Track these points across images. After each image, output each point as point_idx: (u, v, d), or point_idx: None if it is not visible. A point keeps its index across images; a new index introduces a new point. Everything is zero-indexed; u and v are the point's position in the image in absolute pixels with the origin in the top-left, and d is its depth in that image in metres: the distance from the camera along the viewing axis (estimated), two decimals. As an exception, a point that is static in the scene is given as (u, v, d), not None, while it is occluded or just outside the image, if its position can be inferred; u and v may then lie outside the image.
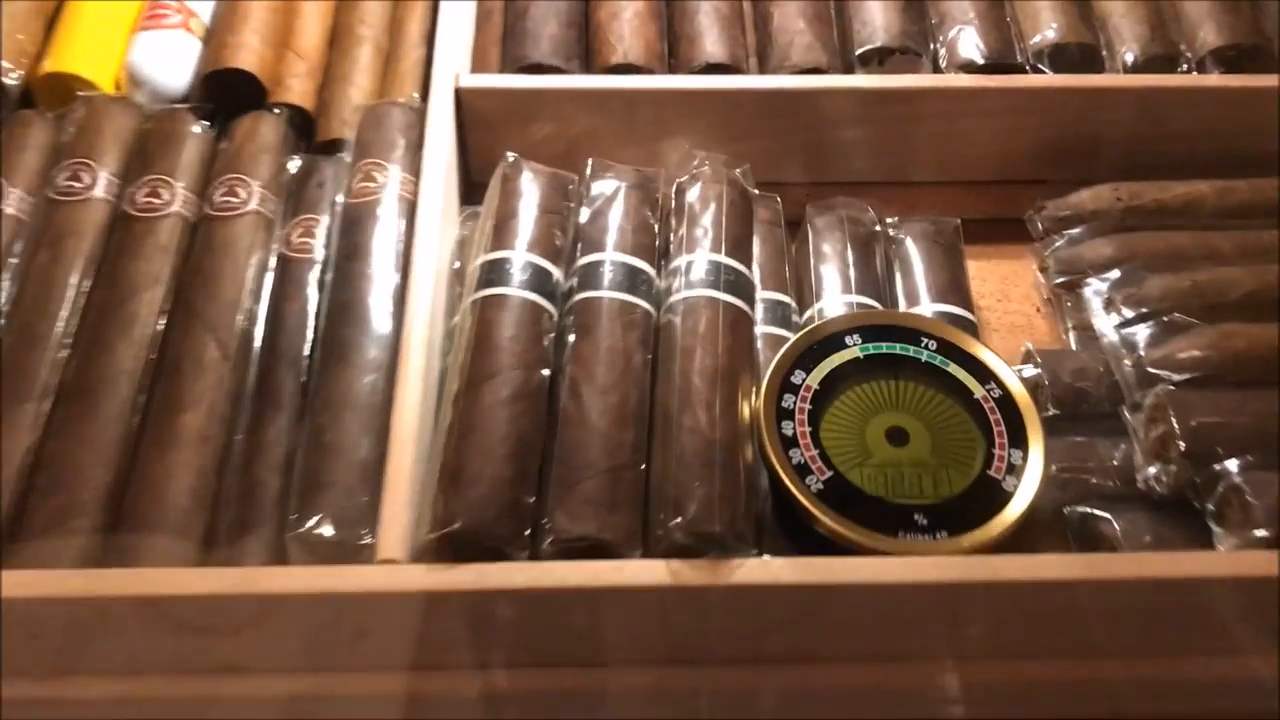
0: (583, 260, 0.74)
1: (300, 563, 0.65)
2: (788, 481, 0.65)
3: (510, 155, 0.79)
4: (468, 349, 0.69)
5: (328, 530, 0.65)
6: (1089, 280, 0.78)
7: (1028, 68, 0.88)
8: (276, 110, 0.87)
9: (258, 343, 0.75)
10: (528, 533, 0.63)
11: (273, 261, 0.79)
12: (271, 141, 0.85)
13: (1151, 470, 0.68)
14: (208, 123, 0.85)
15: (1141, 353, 0.72)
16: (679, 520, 0.62)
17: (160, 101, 0.87)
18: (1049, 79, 0.87)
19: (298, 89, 0.89)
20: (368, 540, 0.64)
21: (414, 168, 0.80)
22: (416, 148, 0.81)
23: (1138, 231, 0.81)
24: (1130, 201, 0.82)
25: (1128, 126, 0.85)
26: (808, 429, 0.67)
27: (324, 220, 0.80)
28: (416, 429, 0.67)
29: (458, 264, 0.78)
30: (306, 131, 0.89)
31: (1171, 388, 0.69)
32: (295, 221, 0.80)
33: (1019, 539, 0.65)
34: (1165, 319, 0.73)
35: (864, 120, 0.85)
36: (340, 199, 0.80)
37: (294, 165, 0.84)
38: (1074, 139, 0.86)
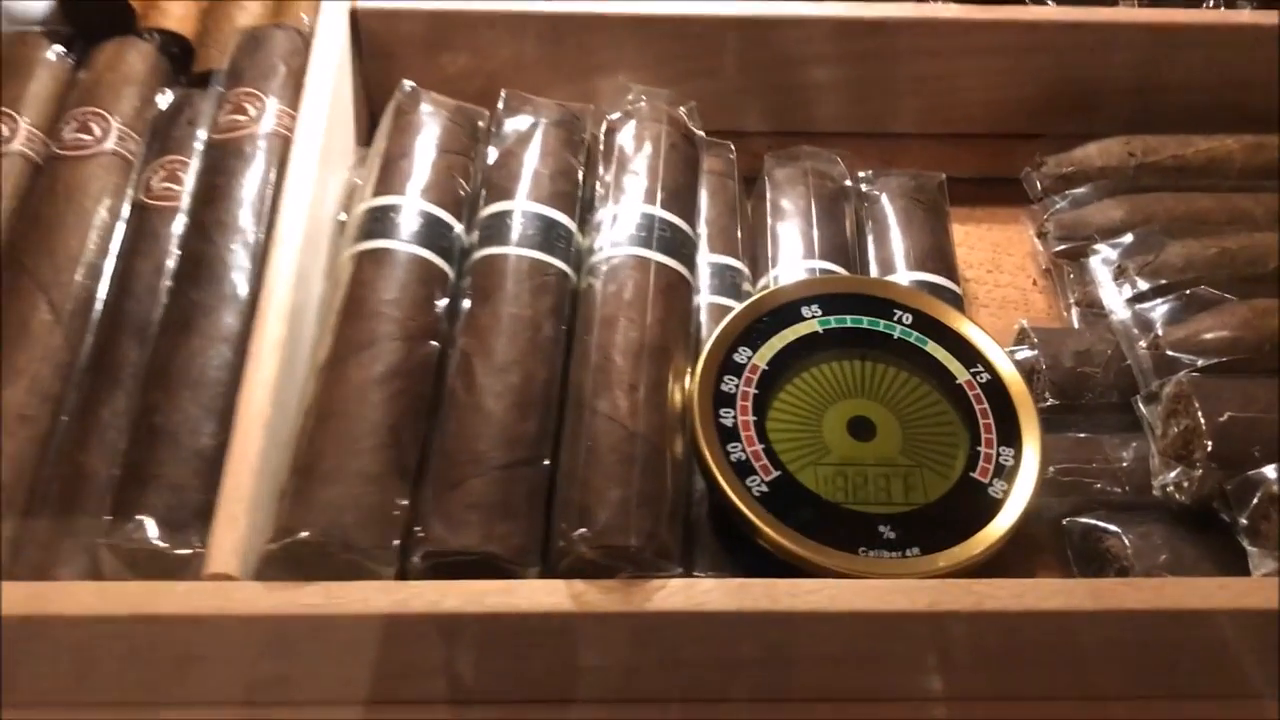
0: (488, 210, 0.61)
1: (114, 575, 0.52)
2: (724, 483, 0.52)
3: (406, 83, 0.66)
4: (339, 313, 0.57)
5: (149, 535, 0.52)
6: (1096, 247, 0.69)
7: (1028, -1, 0.76)
8: (148, 36, 0.74)
9: (100, 306, 0.63)
10: (396, 543, 0.51)
11: (127, 210, 0.66)
12: (139, 71, 0.72)
13: (1170, 475, 0.56)
14: (64, 49, 0.72)
15: (1159, 332, 0.61)
16: (584, 531, 0.50)
17: (11, 24, 0.75)
18: (1052, 11, 0.76)
19: (175, 13, 0.76)
20: (198, 549, 0.51)
21: (296, 100, 0.67)
22: (301, 77, 0.68)
23: (1154, 192, 0.71)
24: (1145, 157, 0.72)
25: (1143, 70, 0.76)
26: (752, 419, 0.55)
27: (193, 164, 0.67)
28: (268, 414, 0.54)
29: (344, 215, 0.66)
30: (188, 64, 0.76)
31: (1195, 374, 0.58)
32: (158, 164, 0.68)
33: (1008, 555, 0.53)
34: (1188, 292, 0.63)
35: (835, 58, 0.75)
36: (203, 134, 0.67)
37: (165, 100, 0.71)
38: (1080, 85, 0.76)
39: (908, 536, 0.52)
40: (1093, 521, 0.58)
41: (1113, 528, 0.57)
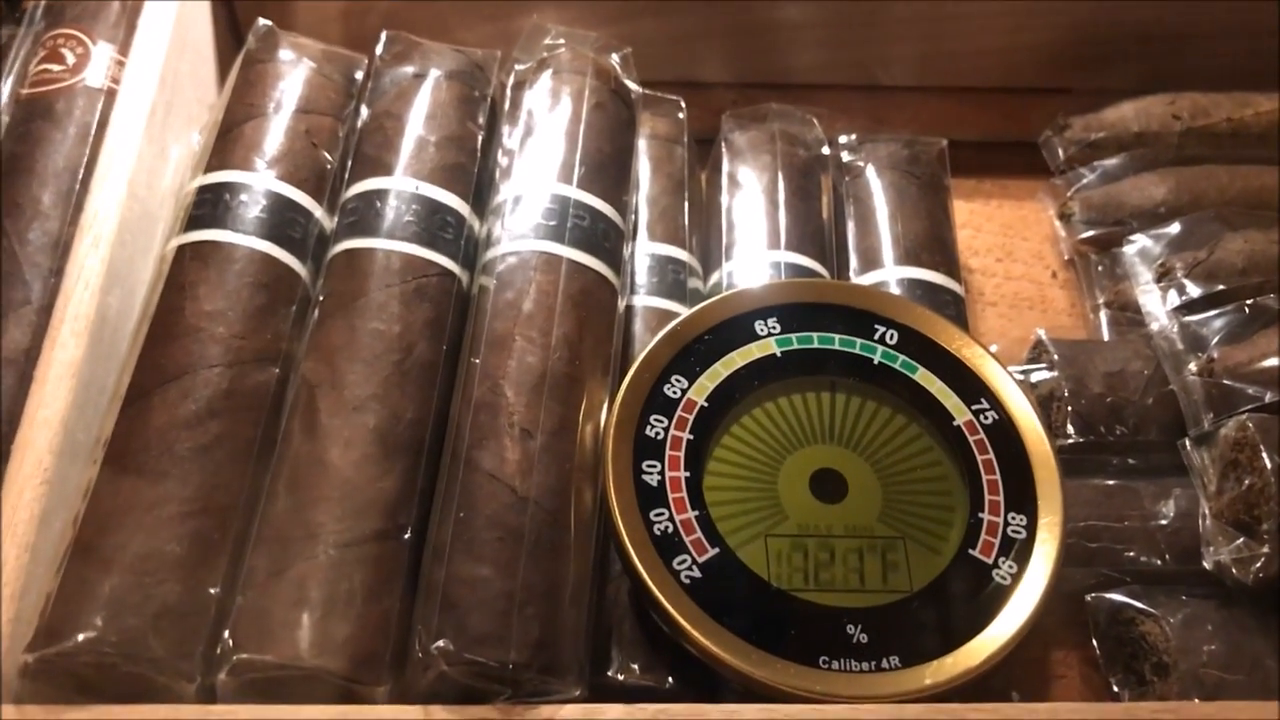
0: (354, 189, 0.48)
1: None
2: (642, 569, 0.40)
3: (261, 23, 0.52)
4: (147, 330, 0.44)
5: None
6: (1132, 236, 0.56)
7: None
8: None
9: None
10: (201, 650, 0.38)
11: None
12: (-49, 4, 0.58)
13: (1227, 549, 0.44)
14: None
15: (1214, 354, 0.49)
16: (445, 644, 0.37)
17: None
18: None
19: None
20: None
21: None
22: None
23: (1204, 165, 0.60)
24: (1193, 120, 0.61)
25: (1187, 13, 0.63)
26: (684, 475, 0.42)
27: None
28: (51, 464, 0.41)
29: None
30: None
31: (1262, 413, 0.44)
32: (-34, 121, 0.54)
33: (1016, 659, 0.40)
34: (1250, 302, 0.51)
35: None
36: (7, 86, 0.53)
37: (-18, 37, 0.58)
38: (1111, 29, 0.64)
39: (884, 641, 0.40)
40: (1125, 599, 0.47)
41: (1150, 609, 0.45)
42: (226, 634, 0.38)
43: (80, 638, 0.38)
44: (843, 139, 0.60)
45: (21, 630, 0.39)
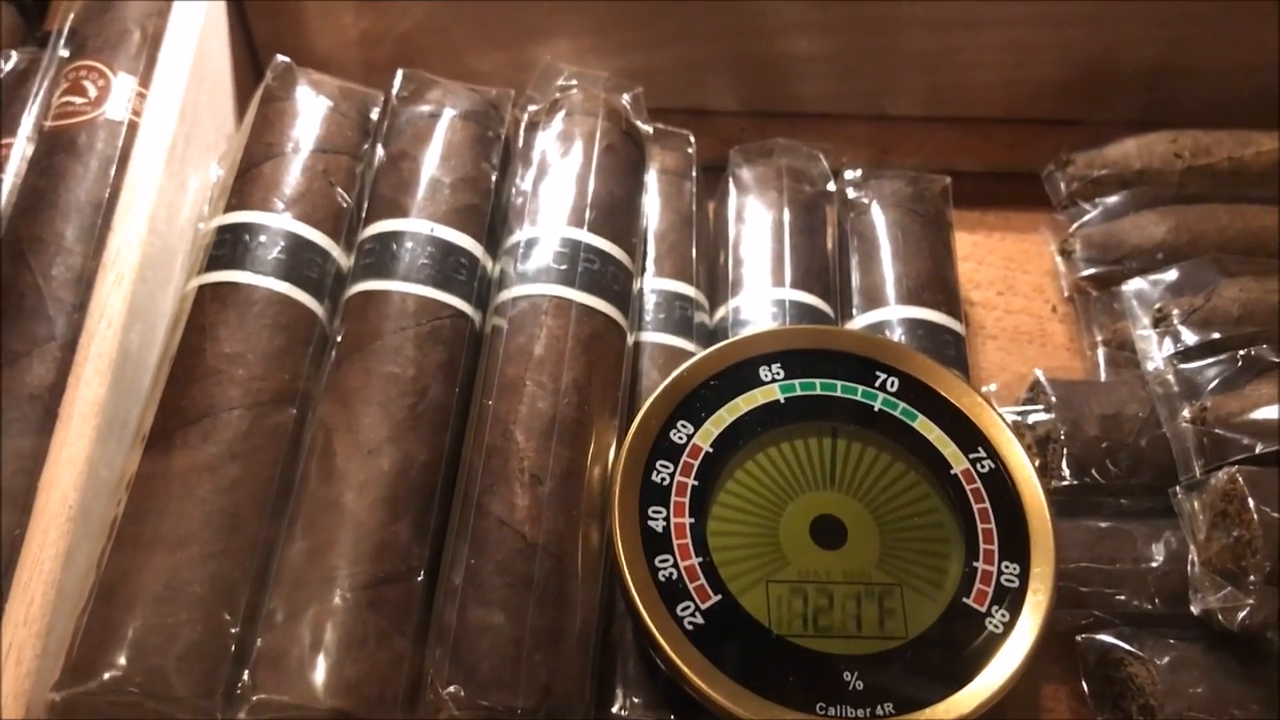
0: (370, 230, 0.49)
1: None
2: (646, 614, 0.41)
3: (280, 59, 0.53)
4: (168, 371, 0.45)
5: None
6: (1131, 276, 0.56)
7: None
8: (-9, -16, 0.61)
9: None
10: (222, 689, 0.39)
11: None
12: (-27, 28, 0.59)
13: (1215, 596, 0.45)
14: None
15: (1207, 402, 0.49)
16: (456, 689, 0.38)
17: None
18: None
19: (28, -44, 0.63)
20: (-24, 686, 0.40)
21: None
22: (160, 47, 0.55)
23: (1204, 204, 0.60)
24: (1194, 159, 0.61)
25: (1193, 49, 0.63)
26: (688, 521, 0.43)
27: (17, 152, 0.55)
28: (76, 502, 0.42)
29: (204, 225, 0.53)
30: (43, 16, 0.63)
31: (1251, 465, 0.45)
32: (-10, 148, 0.55)
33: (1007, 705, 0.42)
34: (1244, 351, 0.50)
35: (824, 27, 0.63)
36: (31, 117, 0.54)
37: (9, 62, 0.59)
38: (1117, 64, 0.65)
39: (880, 688, 0.41)
40: (1113, 641, 0.48)
41: (1138, 652, 0.46)
42: (246, 675, 0.40)
43: (105, 676, 0.39)
44: (848, 174, 0.60)
45: (48, 666, 0.41)
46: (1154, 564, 0.48)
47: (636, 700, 0.43)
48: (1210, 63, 0.64)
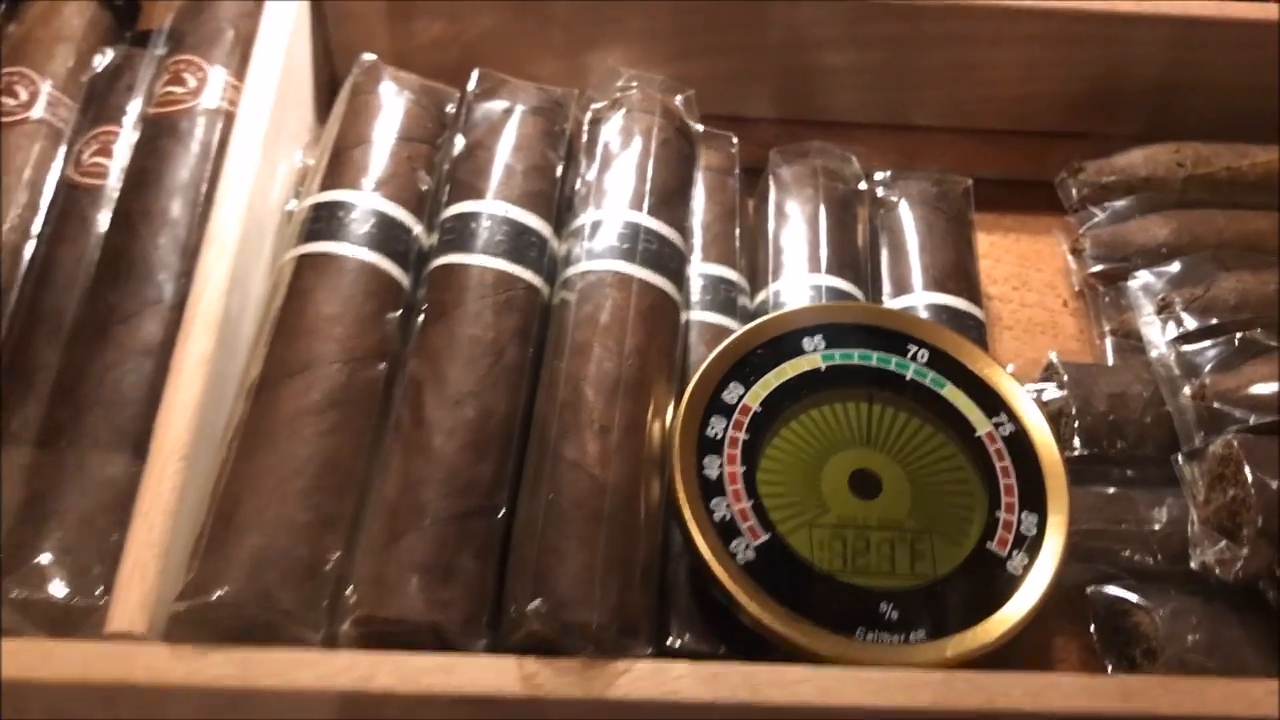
0: (451, 210, 0.54)
1: (9, 628, 0.45)
2: (705, 550, 0.46)
3: (366, 57, 0.58)
4: (272, 328, 0.50)
5: (47, 581, 0.46)
6: (1136, 271, 0.61)
7: (1071, -17, 0.68)
8: (89, -14, 0.66)
9: (15, 298, 0.56)
10: (325, 604, 0.44)
11: (53, 187, 0.59)
12: (75, 26, 0.65)
13: (1213, 550, 0.50)
14: (-6, -1, 0.65)
15: (1206, 380, 0.54)
16: (539, 603, 0.43)
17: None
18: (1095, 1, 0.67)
19: (121, -40, 0.68)
20: (102, 599, 0.45)
21: (245, 71, 0.60)
22: (251, 43, 0.61)
23: (1204, 209, 0.64)
24: (1195, 169, 0.65)
25: (1197, 69, 0.68)
26: (740, 469, 0.48)
27: (124, 138, 0.60)
28: (189, 441, 0.47)
29: (295, 204, 0.58)
30: (134, 17, 0.68)
31: (1247, 433, 0.50)
32: (91, 134, 0.61)
33: (1024, 639, 0.46)
34: (1240, 335, 0.56)
35: (855, 41, 0.67)
36: (135, 106, 0.59)
37: (103, 60, 0.64)
38: (1123, 81, 0.69)
39: (912, 617, 0.45)
40: (1120, 593, 0.52)
41: (1142, 602, 0.51)
42: (349, 591, 0.44)
43: (223, 590, 0.43)
44: (878, 175, 0.65)
45: (166, 583, 0.45)
46: (1156, 526, 0.53)
47: (689, 634, 0.48)
48: (1214, 81, 0.68)
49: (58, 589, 0.46)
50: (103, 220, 0.57)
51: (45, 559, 0.46)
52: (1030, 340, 0.65)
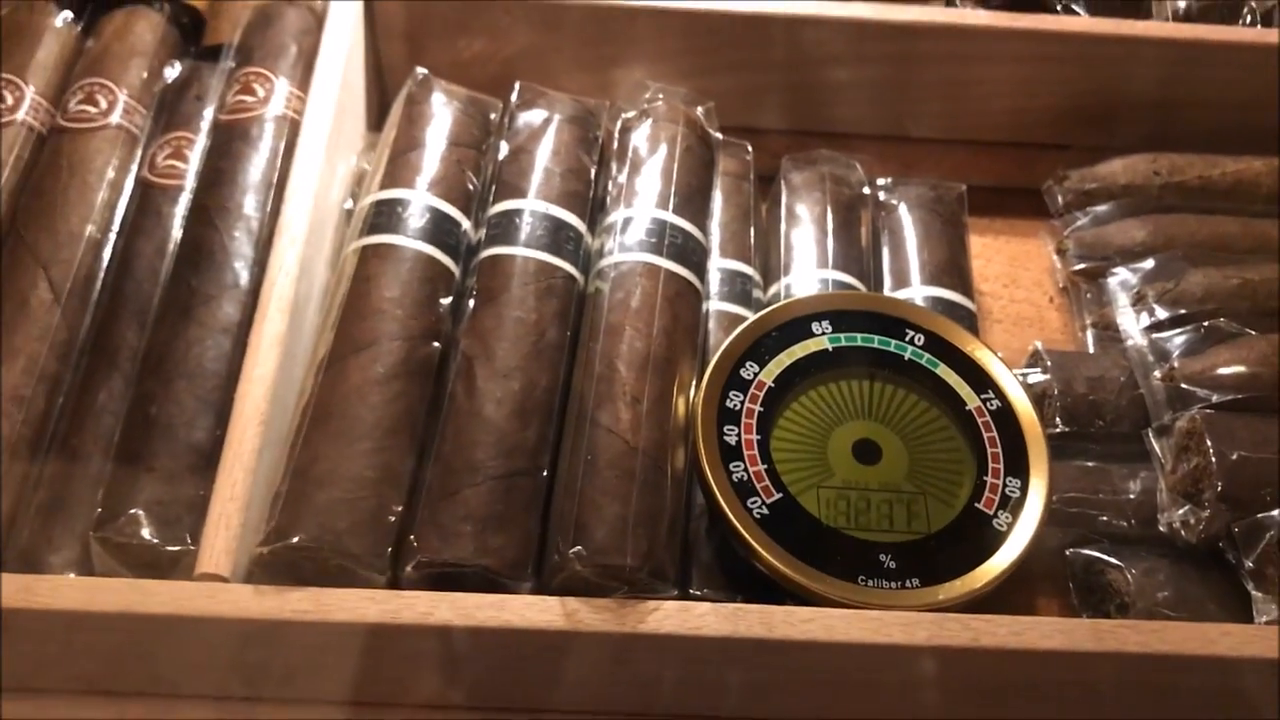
0: (496, 208, 0.60)
1: (104, 570, 0.51)
2: (725, 505, 0.51)
3: (419, 71, 0.64)
4: (340, 310, 0.56)
5: (140, 530, 0.52)
6: (1115, 269, 0.66)
7: (1058, 7, 0.74)
8: (158, 6, 0.72)
9: (99, 286, 0.62)
10: (390, 550, 0.50)
11: (131, 187, 0.65)
12: (147, 42, 0.70)
13: (1178, 513, 0.55)
14: (72, 15, 0.71)
15: (1175, 364, 0.59)
16: (580, 549, 0.49)
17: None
18: (1081, 22, 0.75)
19: (187, -18, 0.74)
20: (190, 546, 0.51)
21: (306, 82, 0.66)
22: (312, 58, 0.67)
23: (1177, 213, 0.70)
24: (1170, 177, 0.70)
25: (1171, 86, 0.74)
26: (755, 437, 0.54)
27: (199, 140, 0.66)
28: (265, 411, 0.53)
29: (351, 203, 0.64)
30: (199, 35, 0.74)
31: (1209, 410, 0.55)
32: (164, 140, 0.67)
33: (1007, 586, 0.52)
34: (1206, 324, 0.61)
35: (859, 59, 0.73)
36: (209, 114, 0.66)
37: (173, 72, 0.70)
38: (1107, 97, 0.74)
39: (908, 567, 0.51)
40: (1096, 554, 0.57)
41: (1116, 561, 0.56)
42: (411, 538, 0.50)
43: (301, 535, 0.49)
44: (880, 181, 0.70)
45: (247, 532, 0.51)
46: (1130, 495, 0.58)
47: (709, 583, 0.53)
48: (1197, 98, 0.73)
49: (149, 535, 0.52)
50: (178, 215, 0.63)
51: (138, 511, 0.52)
52: (1019, 333, 0.70)
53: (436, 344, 0.56)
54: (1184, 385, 0.58)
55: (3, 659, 0.50)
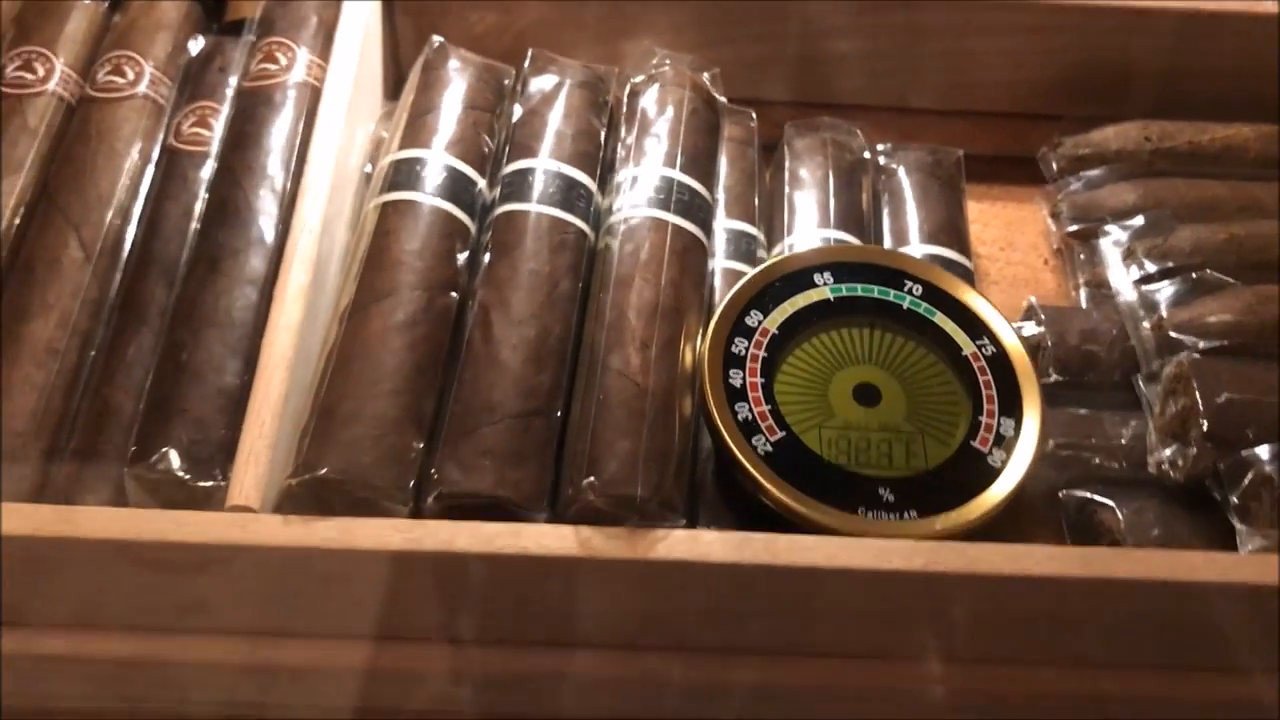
0: (510, 167, 0.62)
1: (139, 504, 0.54)
2: (730, 441, 0.54)
3: (436, 39, 0.67)
4: (361, 262, 0.58)
5: (173, 466, 0.54)
6: (1107, 229, 0.68)
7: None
8: (183, -17, 0.75)
9: (129, 246, 0.64)
10: (412, 484, 0.52)
11: (157, 153, 0.67)
12: (172, 17, 0.73)
13: (1166, 453, 0.58)
14: (98, -8, 0.74)
15: (1163, 313, 0.61)
16: (593, 480, 0.51)
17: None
18: None
19: (210, -40, 0.77)
20: (220, 482, 0.53)
21: (326, 52, 0.69)
22: (332, 29, 0.70)
23: (1168, 178, 0.72)
24: (1161, 143, 0.72)
25: (1166, 57, 0.76)
26: (760, 380, 0.56)
27: (223, 110, 0.69)
28: (291, 357, 0.55)
29: (369, 167, 0.67)
30: (221, 12, 0.77)
31: (1196, 356, 0.58)
32: (189, 109, 0.69)
33: (1004, 524, 0.55)
34: (1194, 275, 0.63)
35: (859, 31, 0.75)
36: (234, 81, 0.68)
37: (196, 46, 0.73)
38: (1102, 68, 0.77)
39: (906, 500, 0.53)
40: (1088, 495, 0.59)
41: (1107, 501, 0.58)
42: (433, 470, 0.53)
43: (328, 468, 0.51)
44: (880, 147, 0.73)
45: (274, 469, 0.53)
46: (1121, 440, 0.60)
47: (715, 519, 0.56)
48: (1196, 69, 0.75)
49: (182, 472, 0.54)
50: (203, 180, 0.66)
51: (170, 450, 0.55)
52: (1015, 293, 0.71)
53: (454, 295, 0.58)
54: (1172, 334, 0.60)
55: (39, 593, 0.52)
